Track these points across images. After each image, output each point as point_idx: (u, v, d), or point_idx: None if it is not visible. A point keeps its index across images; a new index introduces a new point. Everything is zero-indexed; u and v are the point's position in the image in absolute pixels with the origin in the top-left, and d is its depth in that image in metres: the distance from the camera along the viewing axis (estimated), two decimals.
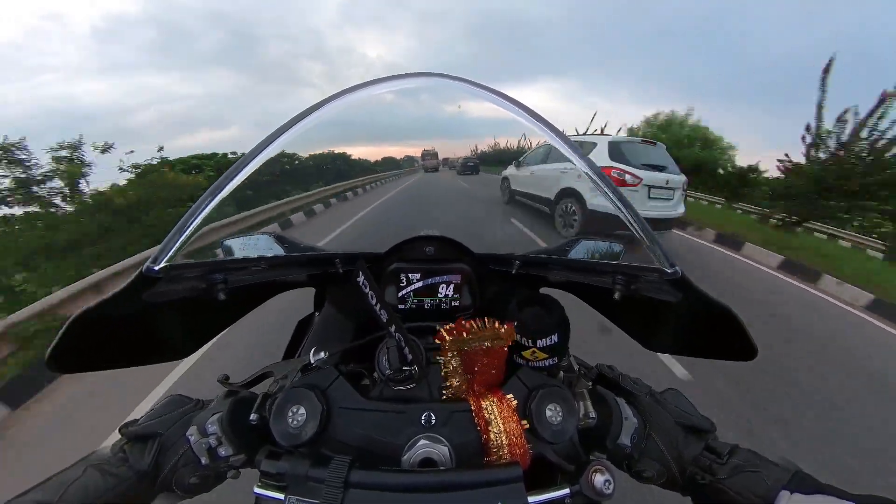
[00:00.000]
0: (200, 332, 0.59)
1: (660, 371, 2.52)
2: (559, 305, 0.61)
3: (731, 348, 0.47)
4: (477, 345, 0.43)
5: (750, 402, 2.31)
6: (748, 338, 0.44)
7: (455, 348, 0.44)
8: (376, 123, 3.51)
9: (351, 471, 0.33)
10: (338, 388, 0.42)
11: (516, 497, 0.32)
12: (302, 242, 0.82)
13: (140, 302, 0.42)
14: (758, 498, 0.36)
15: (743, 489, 0.38)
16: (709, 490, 0.40)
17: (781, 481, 0.36)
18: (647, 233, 0.46)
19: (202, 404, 0.45)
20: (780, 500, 0.35)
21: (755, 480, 0.38)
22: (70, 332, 0.38)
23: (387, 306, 0.42)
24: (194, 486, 0.40)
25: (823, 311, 4.10)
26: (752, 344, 0.44)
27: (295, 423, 0.38)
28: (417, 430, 0.39)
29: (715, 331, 0.48)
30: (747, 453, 0.41)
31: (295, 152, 8.95)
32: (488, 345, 0.43)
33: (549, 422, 0.40)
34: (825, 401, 2.41)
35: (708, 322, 0.48)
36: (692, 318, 0.51)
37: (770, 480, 0.37)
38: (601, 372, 0.54)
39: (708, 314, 0.47)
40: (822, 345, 3.23)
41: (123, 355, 0.47)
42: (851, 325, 3.83)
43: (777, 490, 0.36)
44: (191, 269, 0.45)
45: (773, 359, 2.81)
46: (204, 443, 0.39)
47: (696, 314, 0.49)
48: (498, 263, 0.70)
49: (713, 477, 0.40)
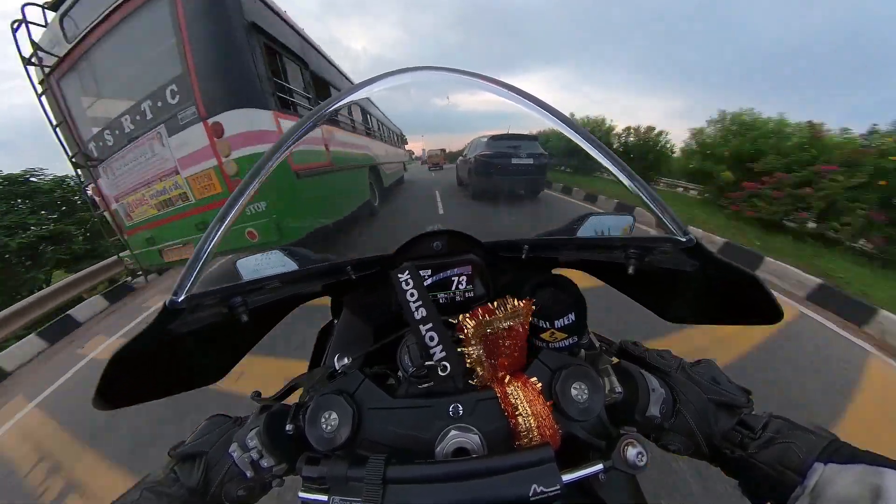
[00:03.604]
0: (229, 355, 0.61)
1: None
2: (573, 284, 0.61)
3: (754, 313, 0.45)
4: (498, 326, 0.44)
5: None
6: (772, 300, 0.42)
7: (478, 335, 0.44)
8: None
9: (388, 467, 0.34)
10: (365, 390, 0.44)
11: (550, 477, 0.33)
12: (313, 253, 0.84)
13: (168, 334, 0.44)
14: (789, 471, 0.35)
15: (774, 462, 0.36)
16: (739, 464, 0.39)
17: (814, 452, 0.35)
18: (657, 202, 0.45)
19: (240, 421, 0.47)
20: (813, 472, 0.33)
21: (786, 452, 0.36)
22: (110, 372, 0.40)
23: (429, 303, 0.45)
24: (243, 497, 0.42)
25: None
26: (777, 306, 0.43)
27: (329, 429, 0.39)
28: (447, 422, 0.40)
29: (735, 296, 0.47)
30: (781, 423, 0.40)
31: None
32: (509, 324, 0.44)
33: (576, 400, 0.40)
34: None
35: (727, 288, 0.47)
36: (710, 286, 0.50)
37: (802, 452, 0.35)
38: (625, 348, 0.54)
39: (726, 280, 0.45)
40: None
41: (161, 386, 0.50)
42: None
43: (810, 462, 0.34)
44: (211, 296, 0.46)
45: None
46: (246, 457, 0.41)
47: (714, 281, 0.48)
48: (507, 250, 0.70)
49: (744, 452, 0.39)
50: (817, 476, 0.33)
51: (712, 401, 0.43)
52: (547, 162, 8.09)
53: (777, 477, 0.36)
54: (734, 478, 0.41)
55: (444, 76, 0.50)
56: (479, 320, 0.44)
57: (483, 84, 0.50)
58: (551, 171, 8.64)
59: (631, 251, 0.53)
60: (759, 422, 0.40)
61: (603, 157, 0.47)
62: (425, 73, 0.50)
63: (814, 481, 0.33)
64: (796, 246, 5.03)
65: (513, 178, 7.96)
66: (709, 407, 0.43)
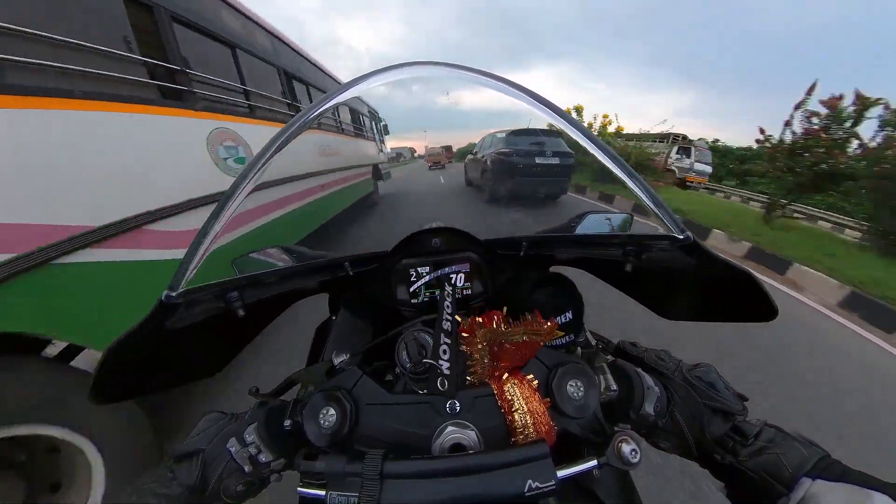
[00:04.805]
0: (226, 350, 0.61)
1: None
2: (571, 283, 0.61)
3: (750, 310, 0.46)
4: (515, 339, 0.43)
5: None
6: (767, 298, 0.43)
7: (486, 339, 0.44)
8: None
9: (385, 463, 0.34)
10: (363, 386, 0.44)
11: (546, 472, 0.33)
12: (310, 251, 0.84)
13: (164, 329, 0.44)
14: (776, 482, 0.35)
15: (762, 471, 0.36)
16: (728, 469, 0.40)
17: (804, 466, 0.35)
18: (655, 200, 0.45)
19: (236, 417, 0.47)
20: (799, 486, 0.33)
21: (776, 463, 0.36)
22: (105, 366, 0.40)
23: (455, 321, 0.46)
24: (242, 493, 0.42)
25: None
26: (772, 304, 0.43)
27: (327, 424, 0.40)
28: (444, 418, 0.41)
29: (731, 294, 0.47)
30: (774, 433, 0.40)
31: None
32: (526, 339, 0.43)
33: (571, 397, 0.41)
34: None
35: (723, 286, 0.48)
36: (707, 283, 0.50)
37: (792, 465, 0.35)
38: (623, 347, 0.54)
39: (723, 278, 0.46)
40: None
41: (158, 380, 0.50)
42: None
43: (798, 475, 0.34)
44: (207, 290, 0.46)
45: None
46: (245, 452, 0.41)
47: (711, 279, 0.48)
48: (505, 247, 0.70)
49: (734, 458, 0.39)
50: (804, 490, 0.33)
51: (707, 406, 0.43)
52: (572, 162, 7.10)
53: (764, 486, 0.36)
54: (721, 482, 0.42)
55: (436, 72, 0.50)
56: (492, 329, 0.44)
57: (479, 79, 0.50)
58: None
59: (629, 248, 0.54)
60: (753, 429, 0.40)
61: (600, 152, 0.47)
62: (417, 68, 0.49)
63: (800, 495, 0.33)
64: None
65: (537, 179, 6.84)
66: (703, 410, 0.43)
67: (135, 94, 1.77)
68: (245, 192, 0.46)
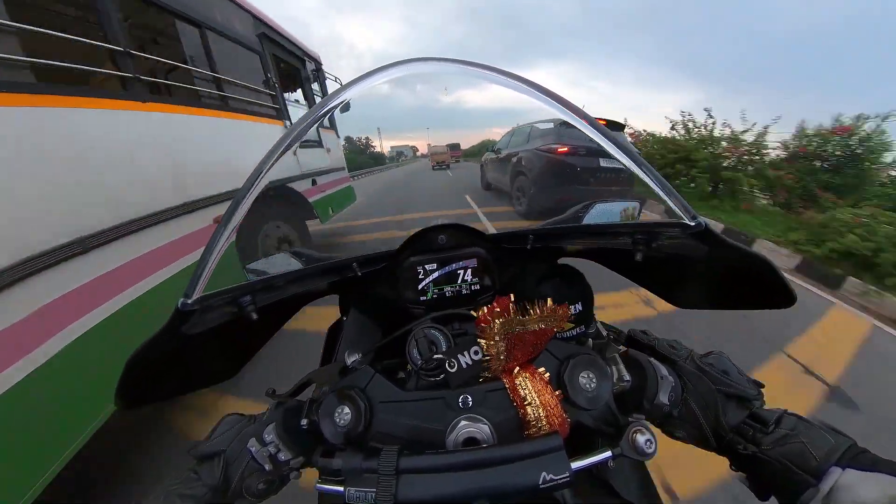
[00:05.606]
0: (241, 353, 0.63)
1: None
2: (579, 274, 0.61)
3: (766, 297, 0.45)
4: (529, 327, 0.43)
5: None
6: (785, 284, 0.42)
7: (504, 331, 0.43)
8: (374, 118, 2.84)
9: (400, 458, 0.35)
10: (376, 384, 0.44)
11: (560, 464, 0.33)
12: (318, 253, 0.84)
13: (181, 335, 0.45)
14: (804, 472, 0.34)
15: (788, 462, 0.35)
16: (751, 461, 0.38)
17: (833, 455, 0.33)
18: (664, 187, 0.44)
19: (254, 418, 0.49)
20: (829, 476, 0.32)
21: (802, 453, 0.35)
22: (128, 373, 0.42)
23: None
24: (263, 490, 0.44)
25: None
26: (790, 290, 0.42)
27: (342, 423, 0.40)
28: (457, 413, 0.41)
29: (746, 281, 0.46)
30: (796, 421, 0.38)
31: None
32: (541, 326, 0.43)
33: (584, 389, 0.41)
34: None
35: (738, 272, 0.46)
36: (720, 271, 0.49)
37: (819, 454, 0.34)
38: (634, 337, 0.54)
39: (737, 265, 0.45)
40: None
41: (177, 385, 0.51)
42: None
43: (827, 465, 0.33)
44: (221, 296, 0.47)
45: None
46: (265, 451, 0.42)
47: (724, 266, 0.47)
48: (512, 241, 0.70)
49: (756, 448, 0.38)
50: (834, 480, 0.32)
51: (721, 392, 0.42)
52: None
53: (789, 476, 0.35)
54: (742, 471, 0.41)
55: (442, 68, 0.49)
56: (508, 318, 0.43)
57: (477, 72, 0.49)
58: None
59: (638, 237, 0.53)
60: (772, 416, 0.39)
61: (608, 142, 0.46)
62: (423, 65, 0.49)
63: (830, 485, 0.32)
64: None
65: (603, 189, 4.79)
66: (718, 398, 0.42)
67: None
68: (253, 196, 0.47)
